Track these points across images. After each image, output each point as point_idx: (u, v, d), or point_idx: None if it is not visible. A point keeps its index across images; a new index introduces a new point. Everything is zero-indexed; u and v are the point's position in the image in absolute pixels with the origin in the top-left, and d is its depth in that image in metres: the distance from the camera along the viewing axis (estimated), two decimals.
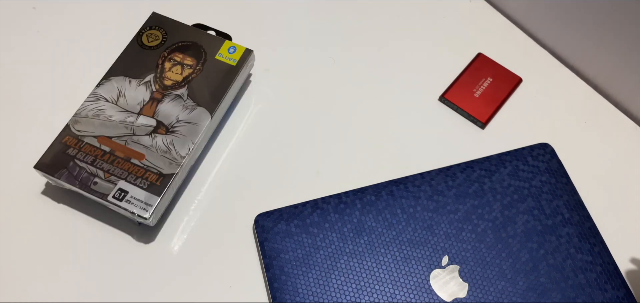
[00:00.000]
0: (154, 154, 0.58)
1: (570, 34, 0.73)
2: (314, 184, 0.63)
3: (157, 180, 0.57)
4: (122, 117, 0.60)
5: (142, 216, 0.55)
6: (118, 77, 0.63)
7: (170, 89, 0.62)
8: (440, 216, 0.58)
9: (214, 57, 0.65)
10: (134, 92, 0.62)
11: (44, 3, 0.74)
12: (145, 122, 0.60)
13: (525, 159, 0.62)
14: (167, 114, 0.61)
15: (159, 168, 0.57)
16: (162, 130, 0.60)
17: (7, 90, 0.66)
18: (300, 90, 0.69)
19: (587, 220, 0.59)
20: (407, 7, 0.78)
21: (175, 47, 0.65)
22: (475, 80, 0.71)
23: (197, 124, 0.60)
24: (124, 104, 0.61)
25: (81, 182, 0.56)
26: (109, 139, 0.59)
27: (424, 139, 0.67)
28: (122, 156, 0.58)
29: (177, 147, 0.59)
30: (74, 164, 0.57)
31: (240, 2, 0.76)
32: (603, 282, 0.56)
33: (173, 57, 0.64)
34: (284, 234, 0.56)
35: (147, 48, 0.65)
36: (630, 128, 0.70)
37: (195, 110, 0.61)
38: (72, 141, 0.58)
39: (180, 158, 0.58)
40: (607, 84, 0.72)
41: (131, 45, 0.65)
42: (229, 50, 0.65)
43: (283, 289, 0.53)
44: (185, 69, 0.64)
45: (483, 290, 0.54)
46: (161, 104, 0.61)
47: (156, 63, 0.64)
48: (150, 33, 0.66)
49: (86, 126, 0.60)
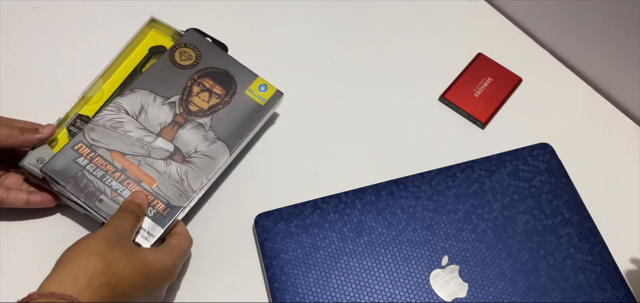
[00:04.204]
0: (166, 182, 0.56)
1: (570, 34, 0.73)
2: (314, 184, 0.63)
3: (163, 210, 0.54)
4: (140, 135, 0.58)
5: (141, 245, 0.52)
6: (143, 91, 0.60)
7: (194, 115, 0.60)
8: (440, 216, 0.58)
9: (244, 92, 0.62)
10: (157, 110, 0.59)
11: (44, 3, 0.73)
12: (163, 146, 0.58)
13: (525, 159, 0.62)
14: (187, 142, 0.58)
15: (168, 198, 0.55)
16: (178, 158, 0.57)
17: (7, 90, 0.66)
18: (300, 90, 0.69)
19: (587, 220, 0.59)
20: (407, 7, 0.78)
21: (207, 72, 0.63)
22: (475, 80, 0.71)
23: (214, 159, 0.58)
24: (144, 121, 0.58)
25: (86, 196, 0.54)
26: (123, 156, 0.56)
27: (424, 139, 0.67)
28: (133, 177, 0.55)
29: (190, 179, 0.56)
30: (83, 175, 0.55)
31: (240, 2, 0.76)
32: (603, 282, 0.55)
33: (203, 81, 0.61)
34: (284, 234, 0.56)
35: (178, 66, 0.62)
36: (630, 128, 0.70)
37: (215, 144, 0.58)
38: (84, 150, 0.56)
39: (191, 191, 0.56)
40: (607, 84, 0.72)
41: (163, 59, 0.62)
42: (260, 88, 0.62)
43: (283, 289, 0.53)
44: (212, 97, 0.61)
45: (483, 290, 0.54)
46: (182, 129, 0.59)
47: (185, 84, 0.61)
48: (184, 51, 0.63)
49: (101, 136, 0.57)
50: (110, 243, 0.47)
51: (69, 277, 0.43)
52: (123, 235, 0.49)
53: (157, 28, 0.67)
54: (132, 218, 0.51)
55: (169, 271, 0.50)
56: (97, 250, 0.46)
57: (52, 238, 0.57)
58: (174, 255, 0.51)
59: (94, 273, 0.44)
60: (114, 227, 0.50)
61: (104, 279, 0.44)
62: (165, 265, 0.49)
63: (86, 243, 0.47)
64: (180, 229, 0.54)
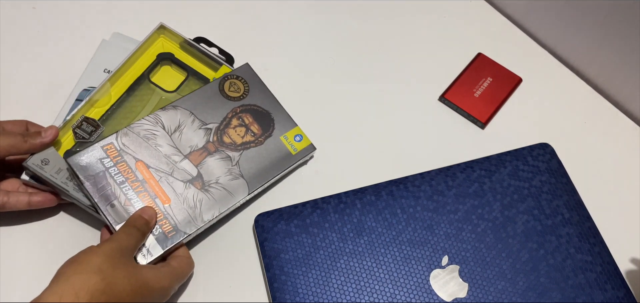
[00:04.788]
0: (180, 204, 0.55)
1: (570, 34, 0.73)
2: (314, 184, 0.63)
3: (169, 232, 0.54)
4: (169, 152, 0.58)
5: (138, 261, 0.52)
6: (185, 110, 0.60)
7: (225, 146, 0.60)
8: (440, 216, 0.58)
9: (279, 137, 0.62)
10: (192, 132, 0.59)
11: (44, 3, 0.73)
12: (188, 169, 0.57)
13: (525, 159, 0.62)
14: (211, 171, 0.58)
15: (177, 221, 0.54)
16: (197, 184, 0.57)
17: (7, 90, 0.66)
18: (300, 90, 0.69)
19: (587, 220, 0.59)
20: (407, 7, 0.78)
21: (250, 108, 0.63)
22: (475, 80, 0.71)
23: (232, 194, 0.57)
24: (177, 140, 0.58)
25: (101, 197, 0.54)
26: (147, 168, 0.56)
27: (424, 139, 0.67)
28: (150, 191, 0.55)
29: (203, 208, 0.56)
30: (103, 175, 0.55)
31: (240, 2, 0.76)
32: (603, 282, 0.55)
33: (243, 116, 0.62)
34: (284, 234, 0.56)
35: (225, 95, 0.62)
36: (630, 128, 0.70)
37: (237, 180, 0.58)
38: (112, 152, 0.56)
39: (200, 221, 0.55)
40: (607, 84, 0.72)
41: (212, 85, 0.63)
42: (295, 138, 0.62)
43: (283, 289, 0.53)
44: (248, 134, 0.61)
45: (483, 290, 0.54)
46: (210, 157, 0.59)
47: (225, 115, 0.61)
48: (234, 82, 0.63)
49: (132, 143, 0.57)
50: (113, 261, 0.47)
51: (70, 293, 0.44)
52: (126, 252, 0.49)
53: (166, 35, 0.67)
54: (138, 235, 0.51)
55: (165, 292, 0.50)
56: (99, 268, 0.46)
57: (55, 237, 0.57)
58: (172, 277, 0.51)
59: (95, 292, 0.44)
60: (119, 242, 0.49)
61: (104, 298, 0.45)
62: (163, 286, 0.50)
63: (88, 259, 0.47)
64: (183, 252, 0.54)
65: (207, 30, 0.71)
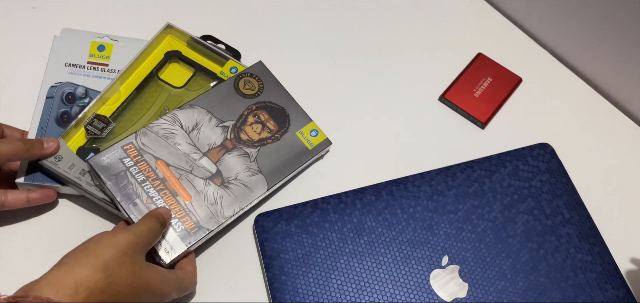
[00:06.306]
0: (200, 201, 0.56)
1: (570, 34, 0.73)
2: (314, 184, 0.63)
3: (191, 229, 0.54)
4: (188, 150, 0.59)
5: (161, 257, 0.53)
6: (202, 109, 0.61)
7: (243, 143, 0.60)
8: (440, 216, 0.58)
9: (295, 132, 0.63)
10: (209, 130, 0.60)
11: (44, 3, 0.73)
12: (207, 166, 0.58)
13: (525, 159, 0.62)
14: (229, 167, 0.59)
15: (199, 218, 0.55)
16: (217, 181, 0.57)
17: (7, 90, 0.66)
18: (300, 90, 0.69)
19: (587, 220, 0.59)
20: (407, 8, 0.78)
21: (265, 105, 0.64)
22: (475, 80, 0.71)
23: (252, 190, 0.58)
24: (195, 138, 0.59)
25: (123, 196, 0.54)
26: (167, 166, 0.57)
27: (424, 139, 0.67)
28: (171, 189, 0.56)
29: (224, 205, 0.56)
30: (124, 175, 0.55)
31: (240, 2, 0.76)
32: (603, 282, 0.55)
33: (259, 114, 0.63)
34: (284, 234, 0.56)
35: (240, 93, 0.63)
36: (630, 128, 0.70)
37: (256, 176, 0.59)
38: (132, 151, 0.57)
39: (222, 217, 0.56)
40: (607, 84, 0.72)
41: (227, 84, 0.64)
42: (311, 133, 0.63)
43: (283, 289, 0.53)
44: (264, 130, 0.62)
45: (483, 290, 0.54)
46: (229, 154, 0.59)
47: (241, 112, 0.62)
48: (249, 80, 0.64)
49: (151, 143, 0.58)
50: (123, 258, 0.47)
51: (70, 286, 0.43)
52: (141, 248, 0.49)
53: (173, 34, 0.68)
54: (158, 228, 0.51)
55: (164, 298, 0.50)
56: (105, 265, 0.45)
57: (55, 233, 0.57)
58: (175, 286, 0.51)
59: (95, 289, 0.44)
60: (138, 238, 0.49)
61: (103, 297, 0.45)
62: (164, 292, 0.50)
63: (98, 252, 0.46)
64: (192, 268, 0.54)
65: (210, 29, 0.71)
